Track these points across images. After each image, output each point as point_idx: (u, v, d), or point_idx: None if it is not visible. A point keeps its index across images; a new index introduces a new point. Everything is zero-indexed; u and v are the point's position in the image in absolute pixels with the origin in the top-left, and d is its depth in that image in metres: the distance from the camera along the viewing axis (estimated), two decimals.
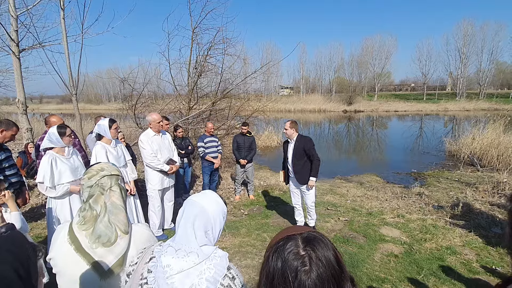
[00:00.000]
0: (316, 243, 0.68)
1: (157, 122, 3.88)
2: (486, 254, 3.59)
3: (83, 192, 1.19)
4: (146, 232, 1.28)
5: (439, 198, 5.80)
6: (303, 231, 0.71)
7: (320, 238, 0.70)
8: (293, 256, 0.66)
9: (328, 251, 0.67)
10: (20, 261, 0.67)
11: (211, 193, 1.10)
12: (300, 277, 0.64)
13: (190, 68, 7.98)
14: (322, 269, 0.65)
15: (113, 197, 1.18)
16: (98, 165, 1.25)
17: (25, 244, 0.72)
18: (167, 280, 0.91)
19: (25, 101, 6.30)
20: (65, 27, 6.01)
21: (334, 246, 0.70)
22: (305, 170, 3.93)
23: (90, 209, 1.15)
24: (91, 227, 1.14)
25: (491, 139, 9.27)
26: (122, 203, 1.20)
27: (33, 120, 14.51)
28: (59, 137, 2.86)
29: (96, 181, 1.18)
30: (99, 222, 1.14)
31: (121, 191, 1.22)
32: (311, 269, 0.64)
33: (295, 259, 0.66)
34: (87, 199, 1.17)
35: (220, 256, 0.99)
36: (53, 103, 61.43)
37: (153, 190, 3.96)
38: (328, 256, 0.66)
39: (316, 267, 0.65)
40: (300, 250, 0.66)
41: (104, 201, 1.16)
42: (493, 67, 43.25)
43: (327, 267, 0.65)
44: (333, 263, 0.66)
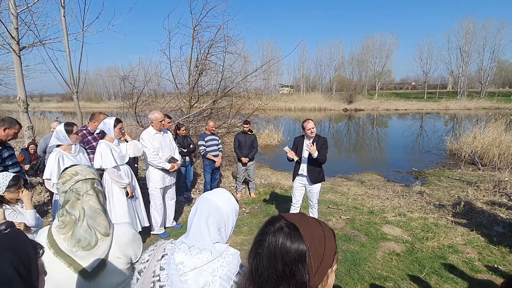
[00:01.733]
0: (284, 233, 0.70)
1: (159, 121, 3.88)
2: (488, 252, 3.60)
3: (59, 197, 1.19)
4: (129, 232, 1.27)
5: (440, 196, 5.80)
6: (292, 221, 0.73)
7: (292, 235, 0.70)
8: (267, 229, 0.74)
9: (285, 248, 0.69)
10: (21, 259, 0.67)
11: (224, 191, 1.10)
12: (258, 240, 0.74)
13: (191, 66, 7.96)
14: (268, 253, 0.70)
15: (90, 201, 1.17)
16: (72, 169, 1.23)
17: (26, 242, 0.72)
18: (180, 278, 0.91)
19: (26, 99, 6.29)
20: (65, 25, 6.00)
21: (302, 252, 0.68)
22: (318, 169, 3.91)
23: (68, 214, 1.14)
24: (69, 231, 1.13)
25: (492, 138, 9.26)
26: (100, 206, 1.19)
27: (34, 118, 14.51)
28: (66, 134, 2.91)
29: (70, 186, 1.16)
30: (79, 226, 1.13)
31: (97, 195, 1.20)
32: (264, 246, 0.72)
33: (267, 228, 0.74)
34: (63, 205, 1.16)
35: (232, 253, 0.99)
36: (54, 101, 61.47)
37: (155, 188, 3.96)
38: (281, 251, 0.69)
39: (266, 246, 0.71)
40: (271, 228, 0.73)
41: (81, 206, 1.15)
42: (494, 66, 43.15)
43: (272, 256, 0.69)
44: (277, 260, 0.69)
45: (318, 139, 3.84)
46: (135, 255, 1.26)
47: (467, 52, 42.35)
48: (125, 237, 1.24)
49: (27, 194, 2.26)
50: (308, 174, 3.92)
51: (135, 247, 1.27)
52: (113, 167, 3.28)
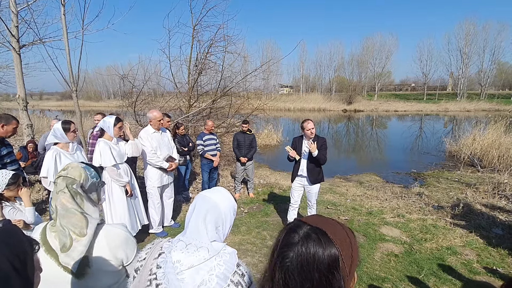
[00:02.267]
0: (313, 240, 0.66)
1: (158, 120, 3.87)
2: (486, 254, 3.60)
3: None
4: (122, 233, 1.23)
5: (439, 198, 5.80)
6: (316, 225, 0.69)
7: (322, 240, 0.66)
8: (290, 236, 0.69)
9: (319, 255, 0.64)
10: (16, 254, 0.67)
11: (223, 190, 1.10)
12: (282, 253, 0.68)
13: (190, 65, 7.95)
14: (298, 265, 0.65)
15: (63, 199, 1.12)
16: (71, 163, 1.21)
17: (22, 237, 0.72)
18: (177, 276, 0.91)
19: (25, 97, 6.28)
20: (65, 23, 5.97)
21: (337, 257, 0.65)
22: (317, 169, 3.91)
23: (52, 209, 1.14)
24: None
25: (491, 140, 9.27)
26: (74, 206, 1.13)
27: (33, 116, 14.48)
28: (63, 132, 2.89)
29: (54, 179, 1.16)
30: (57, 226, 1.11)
31: (74, 195, 1.14)
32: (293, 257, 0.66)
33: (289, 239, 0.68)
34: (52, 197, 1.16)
35: (229, 252, 0.99)
36: (53, 100, 61.42)
37: (153, 187, 3.95)
38: (314, 258, 0.64)
39: (295, 258, 0.65)
40: (296, 236, 0.68)
41: (55, 203, 1.12)
42: (494, 68, 43.23)
43: (305, 266, 0.64)
44: (313, 269, 0.64)
45: (317, 139, 3.83)
46: (126, 257, 1.22)
47: (467, 54, 42.41)
48: (117, 239, 1.20)
49: (26, 192, 2.27)
50: (308, 175, 3.91)
51: (127, 249, 1.23)
52: (112, 166, 3.27)
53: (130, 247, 1.24)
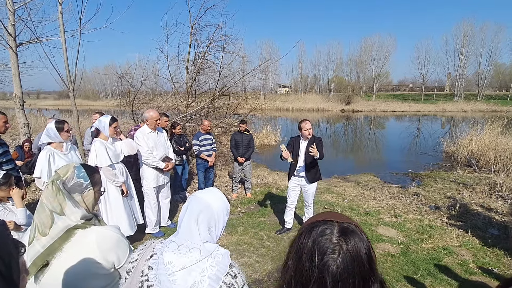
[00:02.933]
0: (351, 236, 0.68)
1: (155, 120, 3.85)
2: (482, 255, 3.61)
3: None
4: (113, 235, 1.20)
5: (436, 198, 5.82)
6: (343, 221, 0.71)
7: (357, 232, 0.69)
8: (325, 240, 0.67)
9: (361, 247, 0.67)
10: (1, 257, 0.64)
11: (216, 190, 1.09)
12: (326, 260, 0.65)
13: (188, 65, 7.94)
14: (350, 262, 0.65)
15: (43, 194, 1.13)
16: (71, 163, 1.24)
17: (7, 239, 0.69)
18: (169, 277, 0.90)
19: (22, 96, 6.24)
20: (62, 21, 5.93)
21: (369, 244, 0.70)
22: (315, 169, 3.91)
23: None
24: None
25: (488, 140, 9.31)
26: (49, 202, 1.11)
27: (30, 115, 14.41)
28: (57, 132, 2.85)
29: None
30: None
31: (57, 192, 1.13)
32: (338, 258, 0.65)
33: (326, 244, 0.67)
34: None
35: (222, 254, 0.98)
36: (50, 99, 61.07)
37: (149, 187, 3.94)
38: (359, 251, 0.66)
39: (343, 258, 0.65)
40: (333, 238, 0.67)
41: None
42: (491, 69, 43.36)
43: (355, 261, 0.65)
44: (363, 260, 0.66)
45: (314, 139, 3.83)
46: (118, 260, 1.19)
47: (465, 55, 42.56)
48: (108, 241, 1.18)
49: (17, 192, 2.24)
50: (306, 175, 3.91)
51: (119, 252, 1.20)
52: (108, 166, 3.25)
53: (122, 250, 1.21)
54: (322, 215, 0.75)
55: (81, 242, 1.12)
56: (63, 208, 1.13)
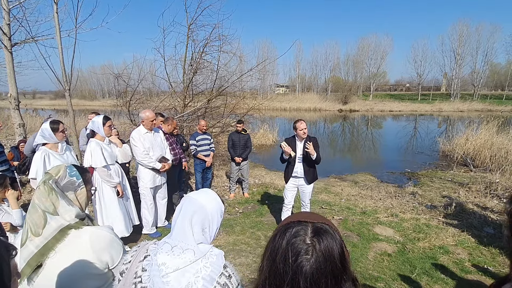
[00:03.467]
0: (324, 236, 0.68)
1: (151, 120, 3.83)
2: (478, 253, 3.64)
3: None
4: (107, 235, 1.20)
5: (432, 197, 5.85)
6: (316, 221, 0.72)
7: (331, 232, 0.70)
8: (299, 241, 0.68)
9: (334, 246, 0.68)
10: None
11: (210, 191, 1.09)
12: (299, 261, 0.66)
13: (185, 65, 7.92)
14: (323, 262, 0.66)
15: (35, 195, 1.13)
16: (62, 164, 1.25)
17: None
18: (162, 279, 0.90)
19: (17, 96, 6.19)
20: (58, 21, 5.89)
21: (342, 243, 0.70)
22: (312, 169, 3.90)
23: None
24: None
25: (484, 140, 9.37)
26: (40, 202, 1.11)
27: (26, 115, 14.31)
28: (52, 132, 2.82)
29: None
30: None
31: (49, 191, 1.13)
32: (311, 259, 0.66)
33: (300, 245, 0.67)
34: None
35: (216, 254, 0.98)
36: (46, 99, 60.68)
37: (145, 188, 3.92)
38: (332, 251, 0.67)
39: (316, 258, 0.66)
40: (306, 238, 0.68)
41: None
42: (487, 68, 43.71)
43: (328, 261, 0.66)
44: (336, 259, 0.67)
45: (309, 139, 3.82)
46: (112, 260, 1.19)
47: (461, 55, 42.85)
48: (102, 241, 1.17)
49: (12, 194, 2.23)
50: (305, 175, 3.90)
51: (113, 252, 1.19)
52: (103, 166, 3.23)
53: (116, 250, 1.21)
54: (296, 216, 0.75)
55: (74, 242, 1.11)
56: (56, 208, 1.12)
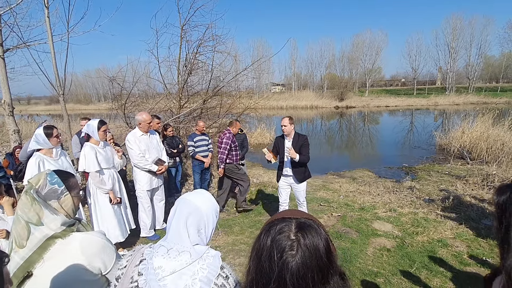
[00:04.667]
0: (308, 231, 0.68)
1: (147, 122, 3.81)
2: (476, 245, 3.66)
3: None
4: (99, 241, 1.19)
5: (430, 191, 5.88)
6: (300, 216, 0.72)
7: (315, 227, 0.70)
8: (283, 237, 0.67)
9: (319, 241, 0.67)
10: None
11: (204, 192, 1.08)
12: (285, 258, 0.65)
13: (179, 66, 7.89)
14: (308, 257, 0.65)
15: (19, 205, 1.11)
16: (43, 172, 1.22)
17: None
18: (159, 282, 0.89)
19: (11, 102, 6.12)
20: (50, 25, 5.85)
21: (328, 238, 0.70)
22: (302, 168, 3.88)
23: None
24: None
25: (480, 132, 9.43)
26: (23, 214, 1.09)
27: (20, 121, 14.20)
28: (46, 138, 2.79)
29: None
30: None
31: (31, 201, 1.11)
32: (297, 254, 0.65)
33: (284, 241, 0.67)
34: None
35: (213, 255, 0.97)
36: (42, 104, 60.24)
37: (142, 191, 3.90)
38: (317, 245, 0.67)
39: (302, 253, 0.65)
40: (291, 234, 0.67)
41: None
42: (481, 61, 44.02)
43: (313, 256, 0.65)
44: (321, 254, 0.66)
45: (298, 137, 3.82)
46: (104, 265, 1.18)
47: (455, 49, 43.09)
48: (94, 247, 1.16)
49: (7, 201, 2.20)
50: (294, 174, 3.89)
51: (105, 257, 1.18)
52: (96, 171, 3.20)
53: (108, 255, 1.19)
54: (280, 214, 0.75)
55: (63, 250, 1.10)
56: (40, 218, 1.11)
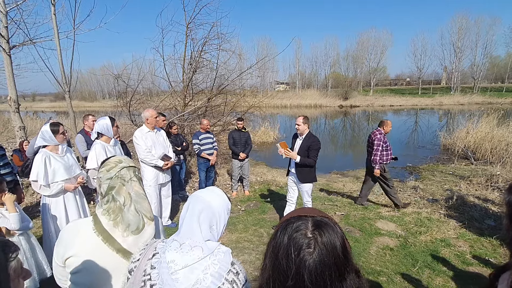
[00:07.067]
0: (325, 228, 0.69)
1: (154, 117, 3.89)
2: (479, 245, 3.66)
3: (102, 185, 1.21)
4: (160, 221, 1.39)
5: (433, 191, 5.87)
6: (316, 215, 0.73)
7: (331, 224, 0.71)
8: (300, 235, 0.68)
9: (335, 239, 0.68)
10: None
11: (217, 189, 1.11)
12: (302, 256, 0.66)
13: (184, 64, 7.91)
14: (325, 254, 0.66)
15: (135, 187, 1.23)
16: (115, 157, 1.29)
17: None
18: (171, 276, 0.91)
19: (17, 99, 6.20)
20: (56, 23, 5.91)
21: (343, 235, 0.71)
22: (306, 169, 3.88)
23: (114, 201, 1.18)
24: (117, 216, 1.17)
25: (485, 132, 9.37)
26: (143, 192, 1.26)
27: (26, 118, 14.33)
28: (52, 135, 2.82)
29: (116, 173, 1.21)
30: (127, 211, 1.18)
31: (139, 181, 1.27)
32: (314, 252, 0.66)
33: (301, 239, 0.68)
34: (107, 191, 1.19)
35: (224, 251, 0.99)
36: (47, 101, 60.66)
37: (149, 187, 3.95)
38: (334, 243, 0.68)
39: (319, 251, 0.66)
40: (308, 232, 0.68)
41: (127, 192, 1.21)
42: (487, 61, 43.56)
43: (330, 253, 0.67)
44: (338, 251, 0.68)
45: (309, 138, 3.84)
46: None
47: (460, 48, 42.68)
48: (160, 225, 1.36)
49: (9, 198, 2.23)
50: (296, 173, 3.91)
51: (164, 234, 1.40)
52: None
53: (163, 234, 1.41)
54: (296, 212, 0.76)
55: None
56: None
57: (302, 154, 3.79)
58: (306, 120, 3.87)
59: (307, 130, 3.89)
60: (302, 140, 3.87)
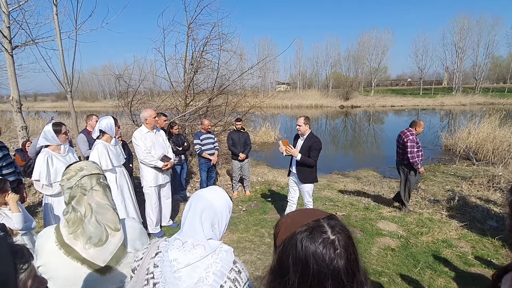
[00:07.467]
0: (340, 227, 0.71)
1: (153, 117, 3.87)
2: (481, 246, 3.65)
3: (64, 194, 1.15)
4: (136, 225, 1.30)
5: (435, 192, 5.86)
6: (324, 215, 0.73)
7: (340, 222, 0.73)
8: (324, 238, 0.67)
9: (348, 233, 0.71)
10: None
11: (218, 188, 1.11)
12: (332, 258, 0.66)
13: (186, 64, 7.92)
14: (348, 249, 0.68)
15: (97, 197, 1.16)
16: (76, 164, 1.20)
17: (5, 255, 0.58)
18: (174, 274, 0.92)
19: (19, 99, 6.22)
20: (58, 23, 5.92)
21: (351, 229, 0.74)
22: (307, 169, 3.87)
23: (74, 211, 1.12)
24: (78, 228, 1.11)
25: (486, 133, 9.35)
26: (107, 202, 1.18)
27: (28, 118, 14.37)
28: (54, 134, 2.83)
29: (76, 182, 1.14)
30: (87, 223, 1.11)
31: (104, 189, 1.19)
32: (341, 252, 0.67)
33: (328, 241, 0.67)
34: (69, 201, 1.14)
35: (226, 250, 1.00)
36: (48, 101, 60.82)
37: (149, 187, 3.95)
38: (350, 236, 0.71)
39: (344, 247, 0.68)
40: (329, 235, 0.68)
41: (87, 202, 1.14)
42: (489, 61, 43.49)
43: (350, 248, 0.69)
44: (353, 243, 0.71)
45: (310, 138, 3.83)
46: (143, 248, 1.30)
47: (462, 48, 42.60)
48: (134, 232, 1.26)
49: (12, 198, 2.23)
50: (297, 172, 3.91)
51: (143, 240, 1.29)
52: (109, 169, 3.24)
53: (145, 237, 1.31)
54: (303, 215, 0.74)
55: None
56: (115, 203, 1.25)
57: (303, 154, 3.79)
58: (307, 120, 3.86)
59: (309, 130, 3.88)
60: (303, 140, 3.86)
